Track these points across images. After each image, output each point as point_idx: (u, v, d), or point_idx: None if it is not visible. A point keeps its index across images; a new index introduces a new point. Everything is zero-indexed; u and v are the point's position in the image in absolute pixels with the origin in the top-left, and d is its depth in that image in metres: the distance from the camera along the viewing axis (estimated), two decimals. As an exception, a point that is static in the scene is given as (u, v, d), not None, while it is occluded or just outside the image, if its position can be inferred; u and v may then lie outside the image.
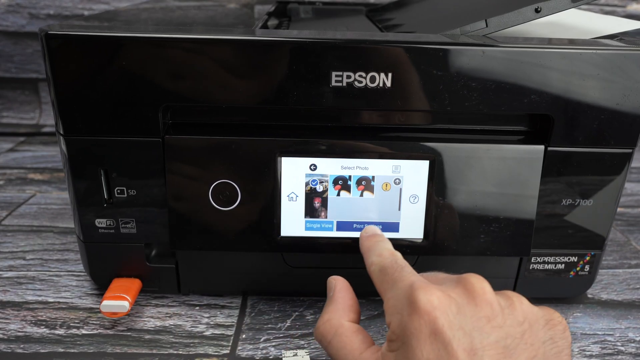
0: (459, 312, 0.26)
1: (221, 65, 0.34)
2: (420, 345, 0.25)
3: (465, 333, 0.25)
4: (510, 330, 0.26)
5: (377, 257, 0.32)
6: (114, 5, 0.81)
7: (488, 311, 0.27)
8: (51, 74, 0.35)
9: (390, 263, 0.31)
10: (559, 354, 0.27)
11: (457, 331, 0.25)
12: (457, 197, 0.38)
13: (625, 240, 0.55)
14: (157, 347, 0.38)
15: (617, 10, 0.85)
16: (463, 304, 0.27)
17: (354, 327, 0.31)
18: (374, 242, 0.34)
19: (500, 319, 0.27)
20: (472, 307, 0.27)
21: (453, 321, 0.26)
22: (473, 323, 0.26)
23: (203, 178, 0.37)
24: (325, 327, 0.31)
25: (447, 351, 0.25)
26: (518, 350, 0.26)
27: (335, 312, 0.32)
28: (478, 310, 0.26)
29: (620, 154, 0.38)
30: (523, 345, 0.26)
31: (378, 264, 0.32)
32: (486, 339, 0.25)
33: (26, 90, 0.86)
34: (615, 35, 0.39)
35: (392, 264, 0.31)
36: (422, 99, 0.35)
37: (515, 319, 0.27)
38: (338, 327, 0.31)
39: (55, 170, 0.69)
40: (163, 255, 0.42)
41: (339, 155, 0.37)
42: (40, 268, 0.47)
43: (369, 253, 0.34)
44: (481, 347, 0.25)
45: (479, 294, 0.27)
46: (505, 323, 0.26)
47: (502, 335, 0.26)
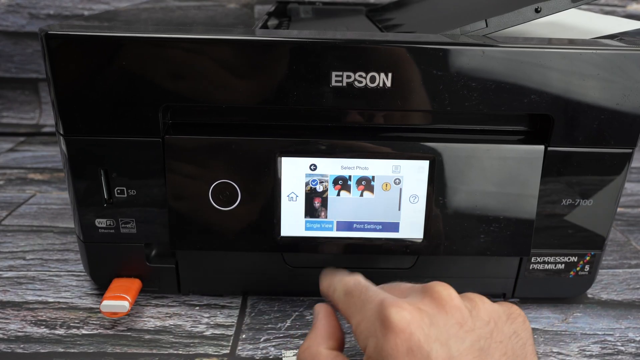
0: (432, 323, 0.26)
1: (221, 65, 0.34)
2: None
3: (442, 343, 0.25)
4: (481, 332, 0.27)
5: (339, 283, 0.32)
6: (114, 5, 0.81)
7: (459, 317, 0.27)
8: (51, 74, 0.35)
9: (354, 285, 0.31)
10: (524, 345, 0.28)
11: (433, 343, 0.25)
12: (457, 197, 0.38)
13: (625, 240, 0.55)
14: (157, 347, 0.38)
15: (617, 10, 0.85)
16: (434, 314, 0.27)
17: (332, 354, 0.30)
18: (332, 274, 0.34)
19: (470, 322, 0.27)
20: (443, 315, 0.27)
21: (429, 334, 0.26)
22: (447, 332, 0.26)
23: (203, 178, 0.37)
24: (304, 355, 0.31)
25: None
26: (491, 350, 0.26)
27: (314, 340, 0.31)
28: (449, 318, 0.27)
29: (620, 154, 0.38)
30: (494, 344, 0.26)
31: (341, 289, 0.32)
32: (462, 345, 0.26)
33: (26, 90, 0.86)
34: (615, 35, 0.39)
35: (356, 285, 0.31)
36: (422, 99, 0.35)
37: (482, 319, 0.27)
38: (316, 355, 0.30)
39: (55, 170, 0.69)
40: (163, 255, 0.42)
41: (339, 155, 0.37)
42: (40, 268, 0.47)
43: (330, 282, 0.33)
44: (458, 355, 0.25)
45: (447, 301, 0.27)
46: (475, 325, 0.27)
47: (475, 338, 0.26)
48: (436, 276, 0.30)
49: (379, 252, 0.39)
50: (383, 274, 0.37)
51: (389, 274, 0.40)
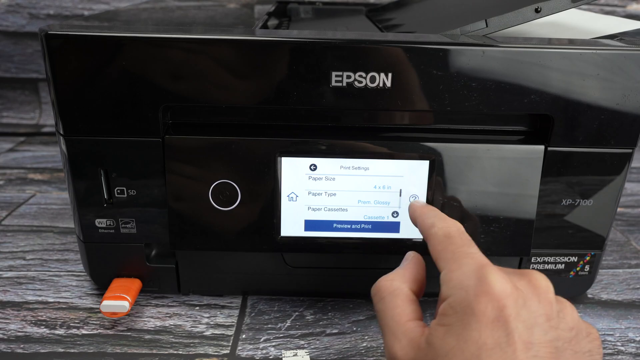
0: (524, 305, 0.26)
1: (221, 65, 0.34)
2: (480, 328, 0.25)
3: (527, 326, 0.25)
4: (562, 334, 0.27)
5: (440, 222, 0.31)
6: (114, 5, 0.81)
7: (548, 310, 0.27)
8: (51, 74, 0.35)
9: (457, 233, 0.30)
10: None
11: (520, 323, 0.25)
12: (457, 197, 0.38)
13: (625, 240, 0.55)
14: (157, 347, 0.38)
15: (617, 10, 0.85)
16: (528, 298, 0.27)
17: (412, 296, 0.30)
18: (431, 209, 0.33)
19: (556, 320, 0.27)
20: (536, 302, 0.27)
21: (519, 313, 0.26)
22: (535, 318, 0.26)
23: (203, 178, 0.37)
24: (385, 284, 0.30)
25: (507, 340, 0.25)
26: (566, 354, 0.26)
27: (401, 277, 0.31)
28: (540, 307, 0.27)
29: (620, 154, 0.38)
30: (570, 350, 0.26)
31: (443, 228, 0.31)
32: (543, 337, 0.26)
33: (26, 90, 0.85)
34: (615, 35, 0.39)
35: (459, 234, 0.30)
36: (422, 99, 0.35)
37: (566, 324, 0.27)
38: (397, 289, 0.30)
39: (55, 170, 0.69)
40: (163, 255, 0.42)
41: (339, 155, 0.37)
42: (40, 268, 0.47)
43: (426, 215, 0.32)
44: (537, 343, 0.25)
45: (543, 291, 0.27)
46: (559, 326, 0.27)
47: (555, 336, 0.26)
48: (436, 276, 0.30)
49: (379, 252, 0.39)
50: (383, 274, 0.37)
51: (389, 274, 0.40)
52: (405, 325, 0.28)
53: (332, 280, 0.43)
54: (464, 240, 0.30)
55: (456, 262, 0.28)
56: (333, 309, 0.43)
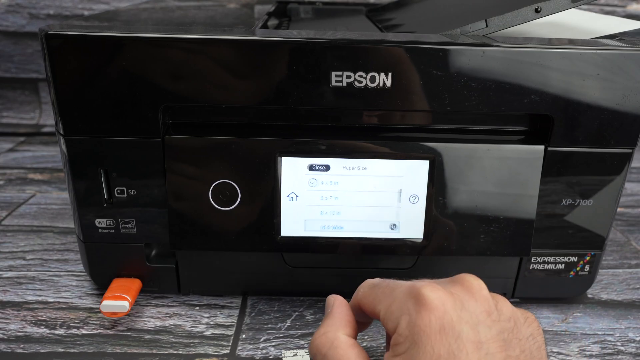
0: (463, 307, 0.27)
1: (221, 65, 0.34)
2: (431, 341, 0.26)
3: (471, 327, 0.26)
4: (505, 325, 0.28)
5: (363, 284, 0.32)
6: (114, 5, 0.81)
7: (486, 306, 0.28)
8: (51, 74, 0.35)
9: (379, 280, 0.31)
10: (539, 348, 0.28)
11: (464, 325, 0.26)
12: (457, 197, 0.38)
13: (625, 240, 0.55)
14: (157, 347, 0.38)
15: (617, 10, 0.85)
16: (465, 299, 0.28)
17: (350, 341, 0.30)
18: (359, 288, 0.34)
19: (495, 314, 0.28)
20: (473, 302, 0.28)
21: (460, 315, 0.26)
22: (476, 317, 0.27)
23: (203, 178, 0.37)
24: (321, 340, 0.30)
25: (458, 345, 0.25)
26: (512, 344, 0.27)
27: (332, 326, 0.31)
28: (478, 306, 0.28)
29: (620, 154, 0.38)
30: (515, 339, 0.27)
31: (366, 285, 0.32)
32: (489, 332, 0.27)
33: (26, 90, 0.85)
34: (615, 35, 0.39)
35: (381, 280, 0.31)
36: (422, 99, 0.35)
37: (505, 315, 0.28)
38: (334, 340, 0.30)
39: (55, 170, 0.69)
40: (163, 255, 0.42)
41: (339, 155, 0.37)
42: (40, 268, 0.47)
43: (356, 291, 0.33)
44: (486, 340, 0.26)
45: (477, 290, 0.28)
46: (500, 318, 0.28)
47: (500, 329, 0.27)
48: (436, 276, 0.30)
49: (379, 252, 0.39)
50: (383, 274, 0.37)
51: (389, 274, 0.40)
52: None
53: (332, 280, 0.43)
54: (388, 281, 0.31)
55: (389, 297, 0.29)
56: (333, 309, 0.43)
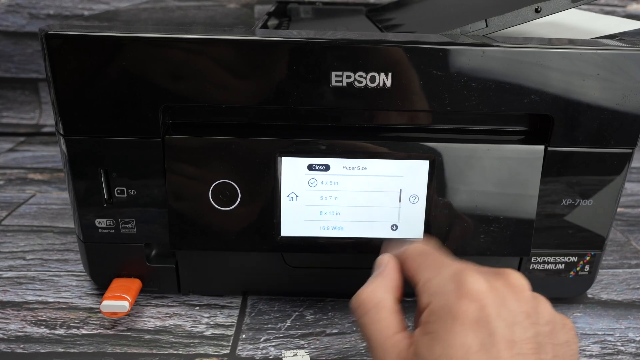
0: (503, 304, 0.26)
1: (221, 65, 0.34)
2: (464, 330, 0.25)
3: (508, 325, 0.26)
4: (542, 329, 0.27)
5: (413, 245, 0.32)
6: (114, 5, 0.81)
7: (527, 307, 0.27)
8: (51, 74, 0.35)
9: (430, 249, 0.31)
10: (573, 356, 0.28)
11: (501, 322, 0.26)
12: (457, 197, 0.38)
13: (625, 240, 0.55)
14: (157, 347, 0.38)
15: (617, 10, 0.85)
16: (507, 297, 0.27)
17: (396, 307, 0.29)
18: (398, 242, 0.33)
19: (535, 316, 0.27)
20: (515, 301, 0.27)
21: (499, 312, 0.26)
22: (515, 317, 0.26)
23: (203, 178, 0.37)
24: (367, 296, 0.29)
25: (491, 340, 0.25)
26: (546, 348, 0.26)
27: (382, 286, 0.30)
28: (519, 305, 0.27)
29: (620, 154, 0.38)
30: (550, 344, 0.27)
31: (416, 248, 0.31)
32: (524, 334, 0.26)
33: (26, 90, 0.85)
34: (615, 35, 0.39)
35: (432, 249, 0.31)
36: (422, 99, 0.35)
37: (543, 318, 0.28)
38: (381, 300, 0.29)
39: (55, 170, 0.69)
40: (163, 255, 0.42)
41: (339, 155, 0.37)
42: (40, 268, 0.47)
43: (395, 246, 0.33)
44: (520, 341, 0.26)
45: (521, 289, 0.28)
46: (538, 321, 0.27)
47: (536, 332, 0.27)
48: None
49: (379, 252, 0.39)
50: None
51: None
52: (392, 339, 0.28)
53: (332, 280, 0.43)
54: (439, 253, 0.30)
55: (434, 271, 0.29)
56: (333, 309, 0.43)
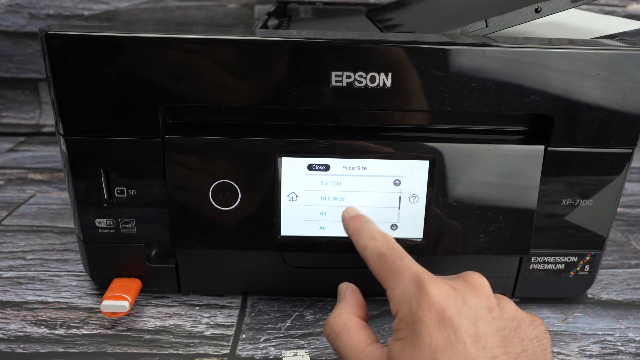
0: (464, 302, 0.28)
1: (221, 65, 0.34)
2: (429, 331, 0.27)
3: (471, 321, 0.27)
4: (506, 323, 0.28)
5: (371, 241, 0.33)
6: (114, 5, 0.81)
7: (488, 303, 0.29)
8: (51, 74, 0.35)
9: (387, 249, 0.32)
10: (544, 351, 0.29)
11: (464, 319, 0.27)
12: (457, 197, 0.38)
13: (625, 240, 0.55)
14: (157, 347, 0.38)
15: (617, 10, 0.85)
16: (467, 295, 0.28)
17: (362, 323, 0.32)
18: (361, 224, 0.34)
19: (497, 311, 0.29)
20: (475, 298, 0.28)
21: (461, 310, 0.27)
22: (477, 313, 0.28)
23: (203, 178, 0.37)
24: (334, 321, 0.32)
25: (456, 336, 0.26)
26: (514, 342, 0.28)
27: (346, 308, 0.33)
28: (480, 302, 0.28)
29: (620, 154, 0.38)
30: (517, 338, 0.28)
31: (374, 248, 0.32)
32: (489, 328, 0.27)
33: (26, 90, 0.85)
34: (615, 35, 0.39)
35: (390, 250, 0.31)
36: (422, 99, 0.35)
37: (507, 314, 0.29)
38: (347, 321, 0.32)
39: (55, 170, 0.69)
40: (163, 255, 0.42)
41: (339, 155, 0.37)
42: (40, 268, 0.47)
43: (359, 235, 0.34)
44: (484, 335, 0.27)
45: (479, 287, 0.29)
46: (502, 316, 0.29)
47: (500, 326, 0.28)
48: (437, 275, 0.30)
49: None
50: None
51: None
52: (365, 351, 0.30)
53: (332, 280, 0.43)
54: (396, 255, 0.31)
55: (395, 279, 0.30)
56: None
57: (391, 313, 0.30)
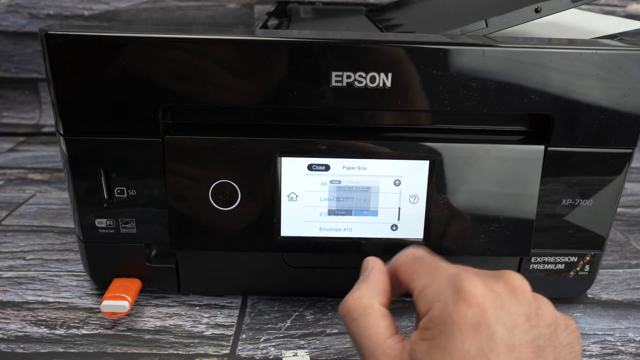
0: (502, 307, 0.26)
1: (221, 65, 0.34)
2: (462, 336, 0.25)
3: (507, 329, 0.25)
4: (543, 331, 0.26)
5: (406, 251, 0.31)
6: (114, 5, 0.81)
7: (527, 310, 0.27)
8: (51, 74, 0.35)
9: (424, 253, 0.30)
10: (575, 358, 0.28)
11: (500, 326, 0.25)
12: (457, 197, 0.38)
13: (625, 240, 0.55)
14: (157, 347, 0.38)
15: (617, 10, 0.85)
16: (506, 299, 0.26)
17: (384, 311, 0.29)
18: None
19: (535, 319, 0.27)
20: (515, 303, 0.26)
21: (498, 315, 0.25)
22: (515, 320, 0.26)
23: (203, 178, 0.37)
24: (354, 303, 0.29)
25: (490, 345, 0.24)
26: (547, 351, 0.26)
27: (369, 292, 0.30)
28: (519, 308, 0.26)
29: (620, 154, 0.38)
30: (551, 346, 0.26)
31: (410, 254, 0.31)
32: (525, 337, 0.25)
33: (26, 90, 0.85)
34: (615, 35, 0.39)
35: (426, 254, 0.30)
36: (422, 99, 0.35)
37: (545, 320, 0.27)
38: (368, 307, 0.29)
39: (55, 170, 0.69)
40: (163, 255, 0.42)
41: (338, 155, 0.37)
42: (40, 268, 0.47)
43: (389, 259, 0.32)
44: (519, 345, 0.25)
45: (521, 291, 0.27)
46: (539, 323, 0.27)
47: (536, 335, 0.26)
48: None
49: (379, 252, 0.39)
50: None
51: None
52: (384, 345, 0.28)
53: (332, 280, 0.43)
54: (433, 258, 0.30)
55: (429, 277, 0.28)
56: (333, 309, 0.43)
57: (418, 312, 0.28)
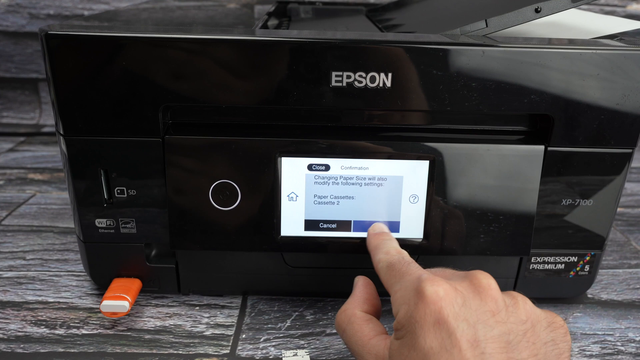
0: (464, 304, 0.27)
1: (221, 65, 0.34)
2: (424, 333, 0.26)
3: (469, 324, 0.26)
4: (513, 327, 0.27)
5: (384, 255, 0.34)
6: (114, 5, 0.81)
7: (492, 306, 0.27)
8: (51, 74, 0.35)
9: (397, 260, 0.32)
10: (560, 355, 0.28)
11: (461, 322, 0.26)
12: (457, 197, 0.38)
13: (625, 240, 0.55)
14: (157, 347, 0.38)
15: (617, 10, 0.85)
16: (469, 297, 0.28)
17: (366, 317, 0.32)
18: (381, 241, 0.36)
19: (504, 314, 0.27)
20: (477, 300, 0.28)
21: (458, 312, 0.27)
22: (477, 316, 0.27)
23: (203, 178, 0.37)
24: (341, 316, 0.33)
25: (451, 340, 0.26)
26: (520, 347, 0.26)
27: (352, 304, 0.33)
28: (483, 304, 0.27)
29: (620, 154, 0.38)
30: (525, 342, 0.27)
31: (385, 261, 0.33)
32: (489, 332, 0.26)
33: (26, 90, 0.86)
34: (615, 35, 0.39)
35: (399, 260, 0.32)
36: (422, 99, 0.35)
37: (518, 317, 0.28)
38: (351, 316, 0.32)
39: (55, 170, 0.69)
40: (163, 255, 0.42)
41: (339, 155, 0.37)
42: (40, 268, 0.47)
43: (376, 251, 0.35)
44: (484, 339, 0.26)
45: (484, 288, 0.28)
46: (509, 319, 0.27)
47: (504, 330, 0.27)
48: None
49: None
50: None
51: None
52: (368, 345, 0.31)
53: (332, 280, 0.43)
54: (403, 264, 0.32)
55: (398, 283, 0.30)
56: (333, 309, 0.43)
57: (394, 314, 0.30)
